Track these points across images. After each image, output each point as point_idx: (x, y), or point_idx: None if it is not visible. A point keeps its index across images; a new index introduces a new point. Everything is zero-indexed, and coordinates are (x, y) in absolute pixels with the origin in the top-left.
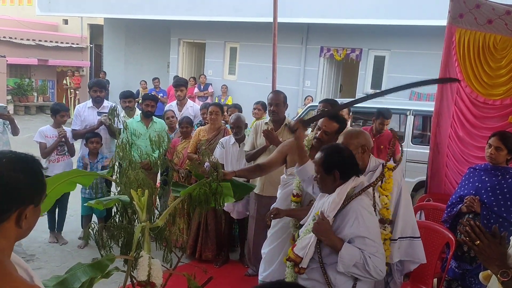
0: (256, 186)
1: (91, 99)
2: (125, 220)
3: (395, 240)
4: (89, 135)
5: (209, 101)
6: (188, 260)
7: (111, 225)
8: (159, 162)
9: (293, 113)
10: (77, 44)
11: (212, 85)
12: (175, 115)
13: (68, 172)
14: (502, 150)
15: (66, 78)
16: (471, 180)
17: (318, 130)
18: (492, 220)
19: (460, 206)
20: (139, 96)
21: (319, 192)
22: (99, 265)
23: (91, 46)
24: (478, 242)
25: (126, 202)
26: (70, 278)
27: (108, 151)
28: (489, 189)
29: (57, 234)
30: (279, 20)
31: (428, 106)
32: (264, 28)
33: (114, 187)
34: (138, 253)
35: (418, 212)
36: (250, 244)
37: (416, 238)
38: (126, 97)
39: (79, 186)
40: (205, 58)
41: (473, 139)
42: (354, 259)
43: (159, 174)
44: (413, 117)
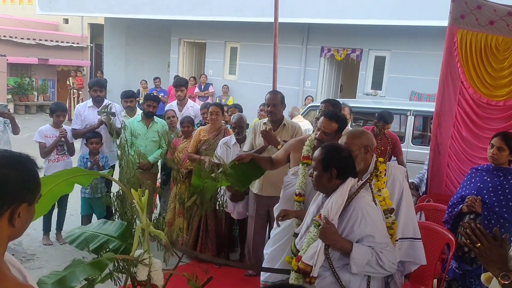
0: (255, 186)
1: (91, 99)
2: (125, 220)
3: (396, 241)
4: (89, 135)
5: (209, 101)
6: (188, 260)
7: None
8: (160, 161)
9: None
10: (77, 43)
11: (212, 85)
12: (176, 115)
13: (68, 170)
14: (504, 151)
15: (69, 78)
16: (473, 180)
17: (318, 131)
18: (493, 220)
19: (461, 206)
20: (140, 95)
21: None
22: (99, 264)
23: (92, 45)
24: (479, 245)
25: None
26: (69, 276)
27: (109, 150)
28: (490, 189)
29: (57, 234)
30: (280, 20)
31: (428, 107)
32: (264, 28)
33: (113, 187)
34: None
35: (418, 212)
36: (250, 244)
37: (417, 239)
38: (127, 96)
39: (79, 186)
40: (205, 58)
41: (476, 140)
42: (366, 258)
43: (159, 174)
44: (413, 117)
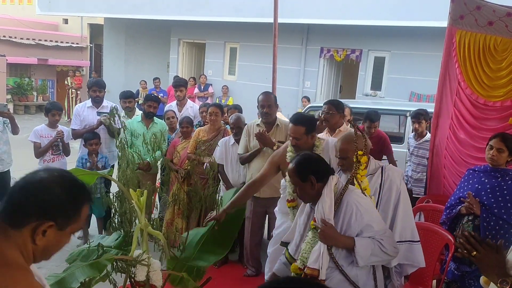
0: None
1: (91, 99)
2: (124, 220)
3: None
4: (87, 136)
5: (209, 101)
6: None
7: (110, 225)
8: (159, 163)
9: (292, 113)
10: (77, 43)
11: (212, 85)
12: (176, 115)
13: (69, 171)
14: (503, 152)
15: (67, 78)
16: (470, 181)
17: (290, 138)
18: (492, 222)
19: (459, 207)
20: (139, 96)
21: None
22: (98, 264)
23: (91, 45)
24: (475, 253)
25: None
26: (68, 277)
27: (107, 151)
28: (489, 190)
29: None
30: (279, 20)
31: (428, 108)
32: (264, 28)
33: (112, 187)
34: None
35: (418, 213)
36: (247, 245)
37: (415, 242)
38: (126, 97)
39: None
40: (205, 58)
41: (473, 140)
42: (369, 249)
43: (159, 174)
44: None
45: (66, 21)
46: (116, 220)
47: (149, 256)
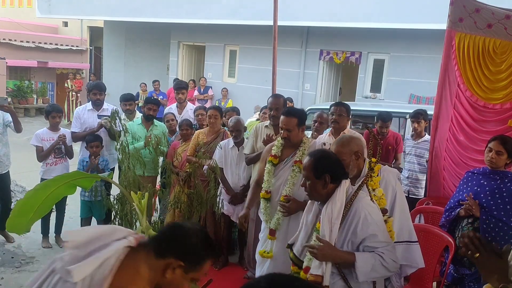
0: None
1: (91, 102)
2: (125, 222)
3: None
4: (89, 139)
5: (208, 104)
6: None
7: None
8: (161, 164)
9: None
10: (77, 46)
11: (212, 88)
12: (175, 118)
13: (69, 174)
14: (502, 154)
15: (68, 81)
16: (470, 184)
17: (281, 130)
18: (491, 224)
19: (458, 210)
20: (139, 98)
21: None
22: None
23: (91, 48)
24: (478, 255)
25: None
26: None
27: (108, 153)
28: (488, 193)
29: (56, 237)
30: (279, 23)
31: (427, 110)
32: (263, 31)
33: (113, 190)
34: None
35: (418, 215)
36: (250, 247)
37: (413, 242)
38: (127, 100)
39: (78, 188)
40: (204, 61)
41: (472, 143)
42: (370, 264)
43: (159, 177)
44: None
45: (66, 24)
46: (116, 222)
47: None
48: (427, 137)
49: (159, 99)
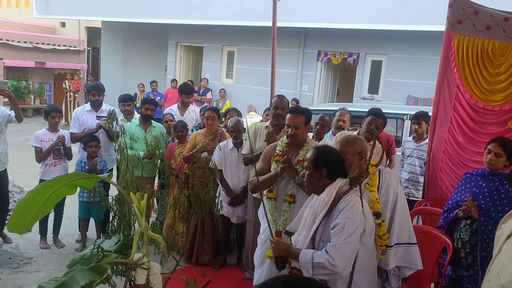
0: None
1: (90, 103)
2: (123, 223)
3: (391, 246)
4: (87, 139)
5: (206, 105)
6: (185, 263)
7: (110, 229)
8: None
9: None
10: (74, 46)
11: (212, 91)
12: (174, 119)
13: (68, 174)
14: (501, 156)
15: (65, 81)
16: (468, 185)
17: (289, 128)
18: (489, 226)
19: (456, 211)
20: (137, 99)
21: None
22: (98, 268)
23: (89, 49)
24: None
25: None
26: (69, 281)
27: (106, 154)
28: (486, 194)
29: (54, 238)
30: (277, 24)
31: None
32: (261, 32)
33: (111, 191)
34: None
35: (416, 216)
36: (248, 248)
37: (412, 244)
38: (125, 100)
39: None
40: (202, 62)
41: (471, 144)
42: (309, 256)
43: (157, 178)
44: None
45: (63, 24)
46: (115, 223)
47: (149, 259)
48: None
49: (157, 100)
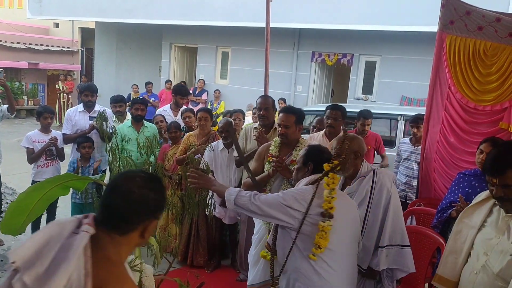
0: None
1: (82, 104)
2: None
3: (383, 247)
4: (80, 140)
5: (198, 107)
6: (179, 265)
7: None
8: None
9: None
10: (68, 47)
11: (208, 92)
12: (165, 120)
13: (60, 176)
14: None
15: (59, 82)
16: (461, 185)
17: (279, 127)
18: None
19: (450, 211)
20: (131, 100)
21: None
22: None
23: (82, 49)
24: None
25: None
26: None
27: (100, 155)
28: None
29: None
30: (271, 25)
31: (419, 111)
32: (255, 33)
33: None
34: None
35: (409, 217)
36: (242, 249)
37: (405, 246)
38: (117, 101)
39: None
40: (196, 63)
41: (463, 145)
42: (233, 194)
43: None
44: (404, 122)
45: (57, 25)
46: None
47: (141, 261)
48: None
49: (151, 101)
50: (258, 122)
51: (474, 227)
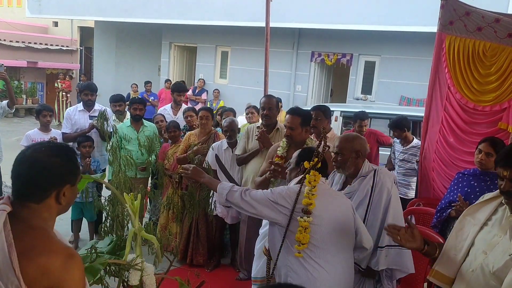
0: None
1: (82, 103)
2: (116, 224)
3: (382, 247)
4: (81, 139)
5: (198, 106)
6: (179, 264)
7: (102, 230)
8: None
9: (283, 117)
10: (67, 46)
11: (207, 92)
12: (165, 119)
13: None
14: (492, 156)
15: (57, 81)
16: (460, 185)
17: (286, 129)
18: None
19: (449, 210)
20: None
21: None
22: (91, 269)
23: (81, 48)
24: None
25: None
26: None
27: (99, 155)
28: (478, 194)
29: None
30: (271, 24)
31: (418, 112)
32: (255, 32)
33: (103, 191)
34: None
35: (408, 216)
36: (242, 248)
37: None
38: (116, 101)
39: None
40: (196, 62)
41: (462, 145)
42: (226, 189)
43: (150, 178)
44: None
45: (56, 24)
46: (108, 224)
47: (142, 260)
48: (415, 142)
49: (150, 100)
50: (261, 121)
51: (477, 225)
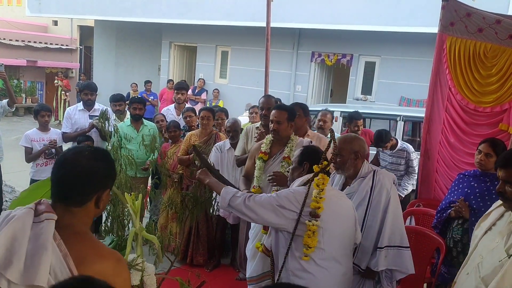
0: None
1: (82, 102)
2: (117, 224)
3: (382, 248)
4: (81, 139)
5: (198, 106)
6: (179, 264)
7: (103, 229)
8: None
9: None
10: (66, 45)
11: (207, 92)
12: (165, 119)
13: None
14: (492, 157)
15: (56, 77)
16: (460, 186)
17: (271, 124)
18: None
19: (449, 211)
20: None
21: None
22: None
23: (81, 47)
24: None
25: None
26: None
27: None
28: (478, 195)
29: None
30: (271, 24)
31: (418, 112)
32: (255, 32)
33: None
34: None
35: (408, 217)
36: (242, 248)
37: (404, 247)
38: (117, 100)
39: None
40: (196, 62)
41: (463, 146)
42: (229, 194)
43: (150, 178)
44: (403, 123)
45: (55, 22)
46: (108, 224)
47: (143, 260)
48: (400, 145)
49: (150, 100)
50: (260, 121)
51: (482, 229)
